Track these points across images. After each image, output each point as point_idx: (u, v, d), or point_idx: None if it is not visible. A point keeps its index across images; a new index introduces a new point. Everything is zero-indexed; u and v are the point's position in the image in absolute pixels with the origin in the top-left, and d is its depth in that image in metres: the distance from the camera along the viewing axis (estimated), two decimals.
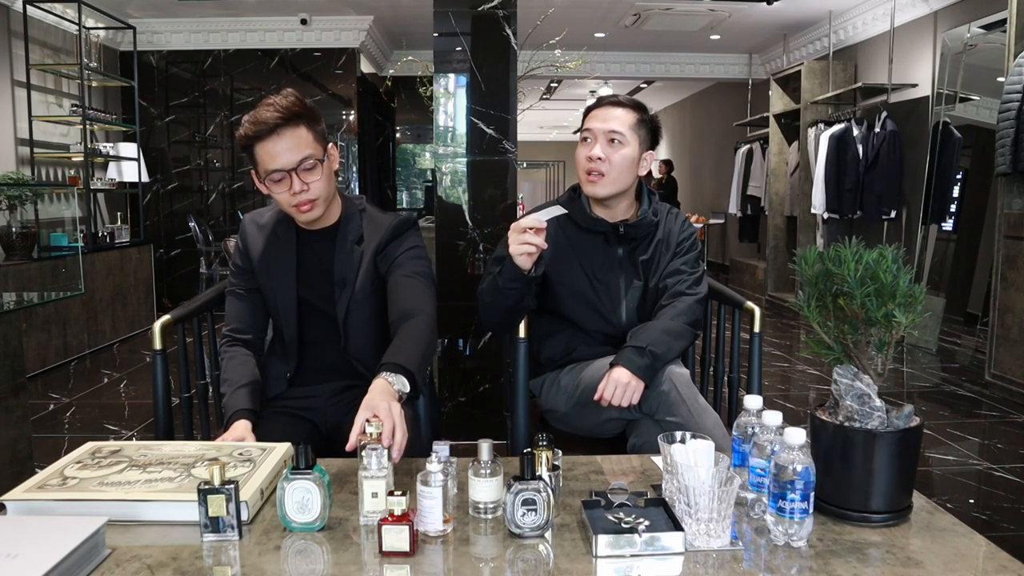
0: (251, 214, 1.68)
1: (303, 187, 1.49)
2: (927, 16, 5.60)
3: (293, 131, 1.48)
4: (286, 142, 1.47)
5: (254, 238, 1.63)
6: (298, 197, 1.49)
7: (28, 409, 2.34)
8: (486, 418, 2.86)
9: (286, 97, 1.50)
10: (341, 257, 1.59)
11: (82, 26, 5.55)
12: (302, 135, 1.48)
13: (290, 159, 1.47)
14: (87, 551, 0.92)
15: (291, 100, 1.49)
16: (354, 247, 1.60)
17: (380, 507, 1.03)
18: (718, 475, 0.98)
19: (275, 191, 1.50)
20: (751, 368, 1.72)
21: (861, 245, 1.06)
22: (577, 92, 10.19)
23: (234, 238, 1.96)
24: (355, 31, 6.90)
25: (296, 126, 1.48)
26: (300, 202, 1.50)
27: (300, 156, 1.48)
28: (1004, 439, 3.29)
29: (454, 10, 2.77)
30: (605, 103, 1.73)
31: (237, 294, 1.65)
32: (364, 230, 1.61)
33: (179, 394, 1.65)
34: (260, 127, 1.46)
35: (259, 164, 1.50)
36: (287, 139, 1.47)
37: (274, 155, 1.47)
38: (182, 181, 7.05)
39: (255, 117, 1.48)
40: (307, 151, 1.48)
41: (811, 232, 6.69)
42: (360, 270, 1.59)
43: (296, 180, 1.48)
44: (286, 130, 1.47)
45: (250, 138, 1.48)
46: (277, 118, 1.46)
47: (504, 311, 1.66)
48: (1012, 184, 3.87)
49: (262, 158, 1.48)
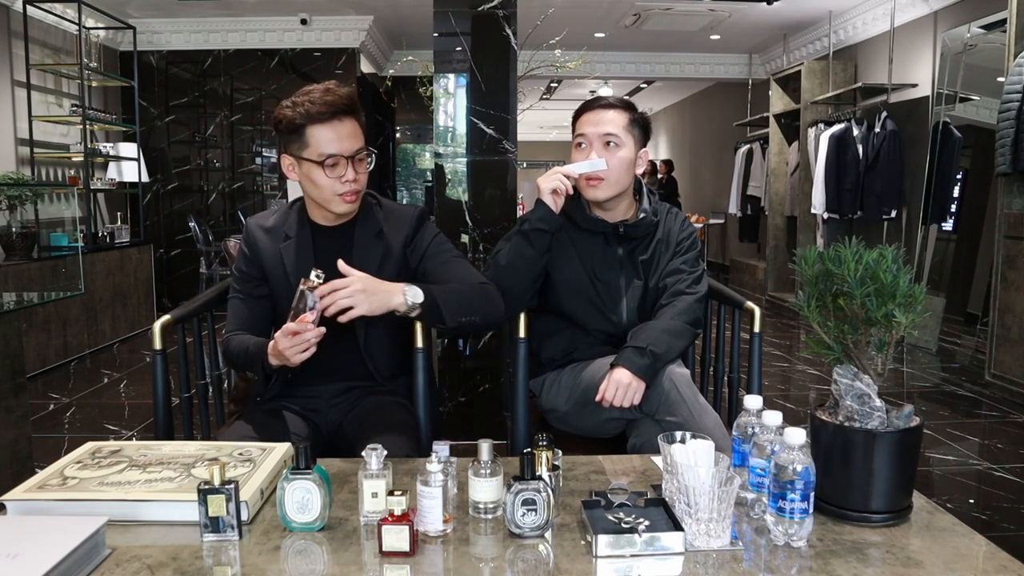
0: (254, 219, 1.65)
1: (355, 176, 1.50)
2: (927, 16, 5.60)
3: (352, 120, 1.50)
4: (347, 128, 1.49)
5: (263, 243, 1.60)
6: (348, 185, 1.50)
7: (28, 409, 2.34)
8: (486, 418, 2.86)
9: (342, 87, 1.51)
10: (361, 252, 1.57)
11: (82, 26, 5.55)
12: (358, 127, 1.51)
13: (350, 146, 1.49)
14: (87, 551, 0.92)
15: (350, 91, 1.51)
16: (374, 240, 1.59)
17: (380, 507, 1.03)
18: (718, 475, 0.98)
19: (326, 175, 1.48)
20: (751, 368, 1.71)
21: (861, 245, 1.06)
22: (577, 92, 10.18)
23: (235, 239, 1.96)
24: (355, 31, 6.91)
25: (355, 116, 1.51)
26: (349, 191, 1.50)
27: (358, 145, 1.50)
28: (1004, 439, 3.29)
29: (454, 10, 2.77)
30: (595, 106, 1.72)
31: (241, 299, 1.62)
32: (383, 223, 1.61)
33: (179, 394, 1.65)
34: (325, 108, 1.46)
35: (310, 146, 1.48)
36: (348, 126, 1.49)
37: (334, 139, 1.47)
38: (182, 181, 7.05)
39: (313, 97, 1.46)
40: (361, 142, 1.51)
41: (811, 232, 6.69)
42: (381, 263, 1.57)
43: (351, 168, 1.49)
44: (348, 118, 1.49)
45: (311, 117, 1.46)
46: (343, 104, 1.47)
47: (521, 272, 1.65)
48: (1012, 184, 3.87)
49: (318, 140, 1.47)
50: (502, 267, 1.67)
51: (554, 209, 1.66)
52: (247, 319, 1.60)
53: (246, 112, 7.02)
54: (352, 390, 1.63)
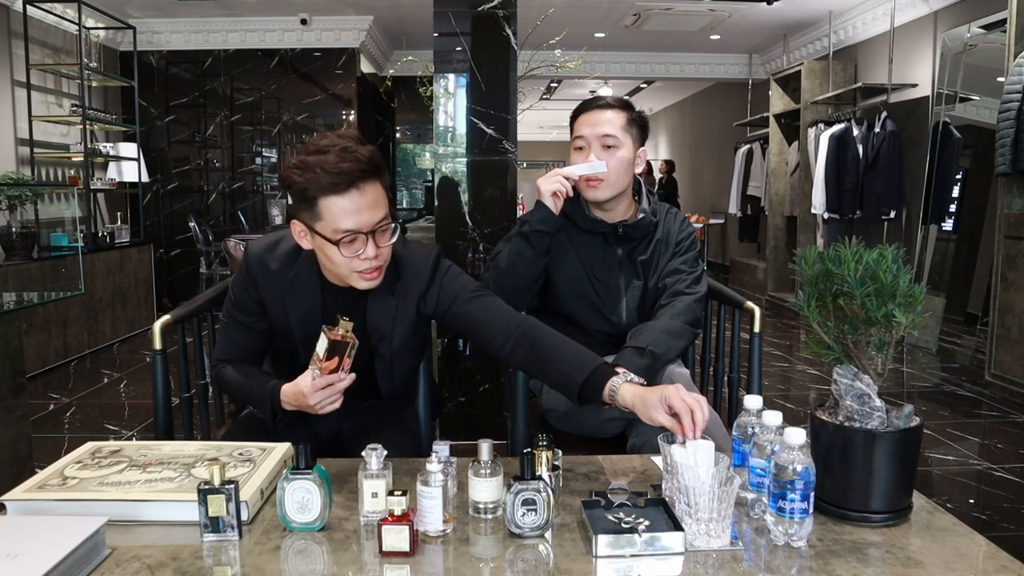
0: (258, 252, 1.45)
1: (377, 252, 1.29)
2: (927, 16, 5.60)
3: (373, 186, 1.28)
4: (367, 199, 1.26)
5: (267, 284, 1.43)
6: (369, 263, 1.30)
7: (28, 409, 2.34)
8: (486, 418, 2.86)
9: (362, 144, 1.28)
10: (375, 310, 1.43)
11: (82, 26, 5.55)
12: (380, 192, 1.29)
13: (369, 219, 1.27)
14: (87, 551, 0.92)
15: (371, 150, 1.28)
16: (388, 298, 1.43)
17: (380, 507, 1.03)
18: (718, 475, 0.98)
19: (342, 253, 1.28)
20: (751, 368, 1.72)
21: (861, 245, 1.06)
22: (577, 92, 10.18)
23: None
24: (355, 31, 6.90)
25: (376, 180, 1.28)
26: (370, 268, 1.31)
27: (379, 216, 1.28)
28: (1004, 439, 3.29)
29: (454, 10, 2.77)
30: (593, 107, 1.72)
31: (234, 327, 1.48)
32: (397, 276, 1.44)
33: (179, 394, 1.65)
34: (338, 178, 1.24)
35: (323, 219, 1.27)
36: (368, 195, 1.27)
37: (351, 213, 1.25)
38: (182, 181, 7.05)
39: (326, 164, 1.24)
40: (384, 210, 1.29)
41: (811, 232, 6.69)
42: (396, 322, 1.44)
43: (371, 245, 1.28)
44: (367, 185, 1.27)
45: (323, 187, 1.25)
46: (360, 171, 1.25)
47: (521, 273, 1.66)
48: (1012, 184, 3.87)
49: (333, 213, 1.26)
50: (502, 269, 1.67)
51: (554, 211, 1.67)
52: (242, 349, 1.49)
53: (246, 112, 7.02)
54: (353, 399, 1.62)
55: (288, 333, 1.45)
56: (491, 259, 1.74)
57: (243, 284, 1.45)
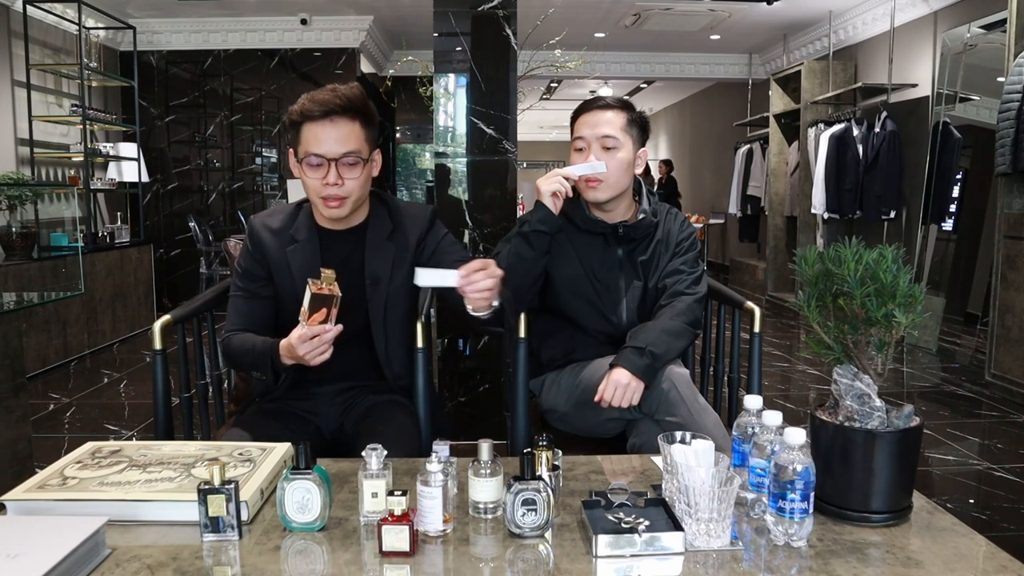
0: (259, 217, 1.60)
1: (337, 180, 1.45)
2: (927, 16, 5.60)
3: (348, 123, 1.45)
4: (336, 131, 1.44)
5: (269, 243, 1.56)
6: (329, 190, 1.46)
7: (28, 409, 2.34)
8: (486, 418, 2.86)
9: (351, 88, 1.47)
10: (372, 255, 1.56)
11: (82, 26, 5.55)
12: (354, 130, 1.46)
13: (333, 149, 1.44)
14: (87, 551, 0.92)
15: (355, 93, 1.46)
16: (386, 243, 1.57)
17: (380, 507, 1.03)
18: (718, 475, 0.98)
19: (308, 175, 1.46)
20: (751, 368, 1.71)
21: (861, 245, 1.06)
22: (577, 92, 10.18)
23: (235, 239, 1.95)
24: (355, 31, 6.90)
25: (352, 119, 1.45)
26: (330, 195, 1.46)
27: (345, 149, 1.45)
28: (1004, 439, 3.29)
29: (454, 10, 2.77)
30: (593, 107, 1.72)
31: (243, 298, 1.58)
32: (394, 223, 1.58)
33: (179, 394, 1.65)
34: (315, 107, 1.43)
35: (300, 143, 1.46)
36: (338, 128, 1.44)
37: (319, 140, 1.44)
38: (182, 181, 7.05)
39: (314, 96, 1.44)
40: (353, 146, 1.45)
41: (811, 232, 6.69)
42: (394, 266, 1.56)
43: (332, 171, 1.45)
44: (340, 119, 1.44)
45: (303, 115, 1.44)
46: (336, 104, 1.43)
47: (521, 274, 1.66)
48: (1012, 184, 3.87)
49: (306, 138, 1.45)
50: (502, 270, 1.67)
51: (554, 211, 1.67)
52: (249, 318, 1.57)
53: (246, 112, 7.02)
54: (351, 389, 1.63)
55: (293, 293, 1.51)
56: (492, 255, 1.74)
57: (248, 251, 1.58)
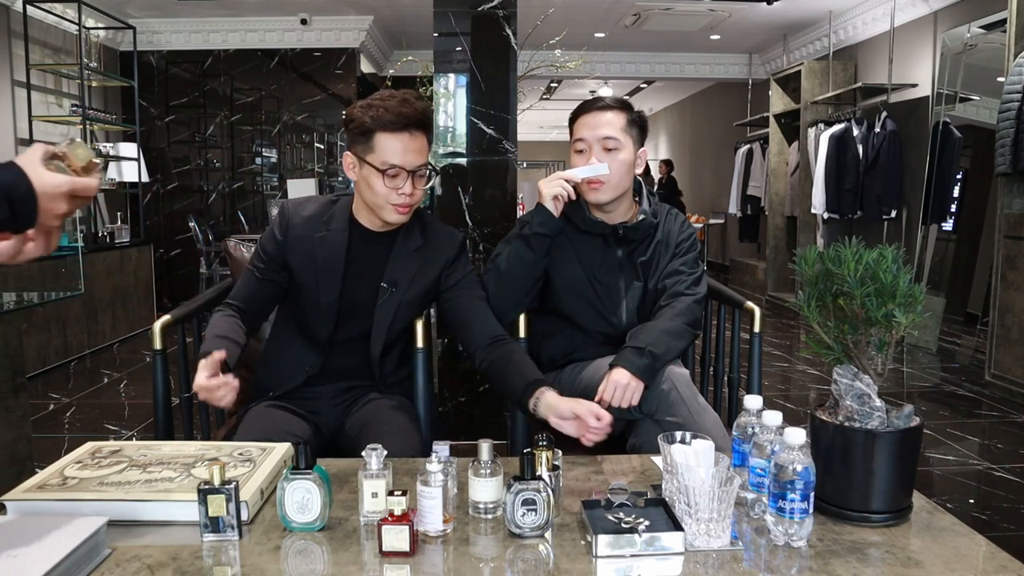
0: (293, 203, 1.62)
1: (412, 191, 1.51)
2: (927, 16, 5.60)
3: (422, 136, 1.51)
4: (414, 143, 1.49)
5: (299, 228, 1.58)
6: (403, 198, 1.50)
7: (28, 409, 2.33)
8: (486, 418, 2.86)
9: (421, 100, 1.51)
10: (397, 261, 1.59)
11: (82, 26, 5.55)
12: (425, 143, 1.52)
13: (414, 161, 1.49)
14: (87, 551, 0.92)
15: (427, 106, 1.52)
16: (412, 255, 1.60)
17: (380, 507, 1.03)
18: (718, 475, 0.98)
19: (384, 183, 1.49)
20: (751, 368, 1.72)
21: (861, 245, 1.06)
22: (577, 92, 10.18)
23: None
24: (355, 31, 6.90)
25: (426, 132, 1.52)
26: (403, 203, 1.51)
27: (422, 161, 1.51)
28: (1004, 439, 3.29)
29: (454, 10, 2.77)
30: (592, 108, 1.72)
31: (255, 276, 1.61)
32: (424, 240, 1.62)
33: (179, 394, 1.65)
34: (399, 118, 1.46)
35: (375, 152, 1.48)
36: (416, 140, 1.49)
37: (401, 151, 1.47)
38: (182, 181, 7.05)
39: (387, 105, 1.46)
40: (425, 159, 1.52)
41: (811, 232, 6.69)
42: (415, 276, 1.60)
43: (409, 182, 1.50)
44: (419, 132, 1.50)
45: (382, 124, 1.46)
46: (416, 119, 1.48)
47: (520, 276, 1.67)
48: (1012, 184, 3.87)
49: (385, 148, 1.47)
50: (502, 272, 1.68)
51: (555, 214, 1.67)
52: (250, 295, 1.60)
53: (246, 112, 7.02)
54: (352, 389, 1.63)
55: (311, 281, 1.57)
56: (491, 261, 1.74)
57: (272, 233, 1.60)
